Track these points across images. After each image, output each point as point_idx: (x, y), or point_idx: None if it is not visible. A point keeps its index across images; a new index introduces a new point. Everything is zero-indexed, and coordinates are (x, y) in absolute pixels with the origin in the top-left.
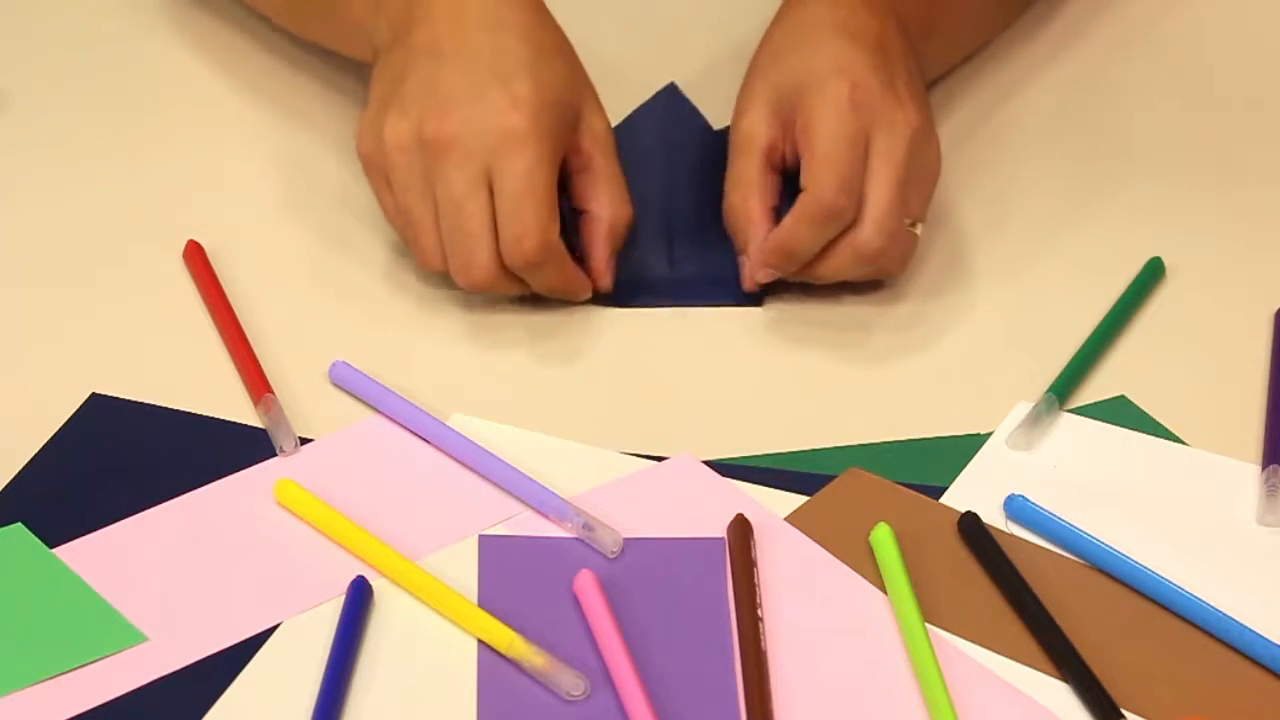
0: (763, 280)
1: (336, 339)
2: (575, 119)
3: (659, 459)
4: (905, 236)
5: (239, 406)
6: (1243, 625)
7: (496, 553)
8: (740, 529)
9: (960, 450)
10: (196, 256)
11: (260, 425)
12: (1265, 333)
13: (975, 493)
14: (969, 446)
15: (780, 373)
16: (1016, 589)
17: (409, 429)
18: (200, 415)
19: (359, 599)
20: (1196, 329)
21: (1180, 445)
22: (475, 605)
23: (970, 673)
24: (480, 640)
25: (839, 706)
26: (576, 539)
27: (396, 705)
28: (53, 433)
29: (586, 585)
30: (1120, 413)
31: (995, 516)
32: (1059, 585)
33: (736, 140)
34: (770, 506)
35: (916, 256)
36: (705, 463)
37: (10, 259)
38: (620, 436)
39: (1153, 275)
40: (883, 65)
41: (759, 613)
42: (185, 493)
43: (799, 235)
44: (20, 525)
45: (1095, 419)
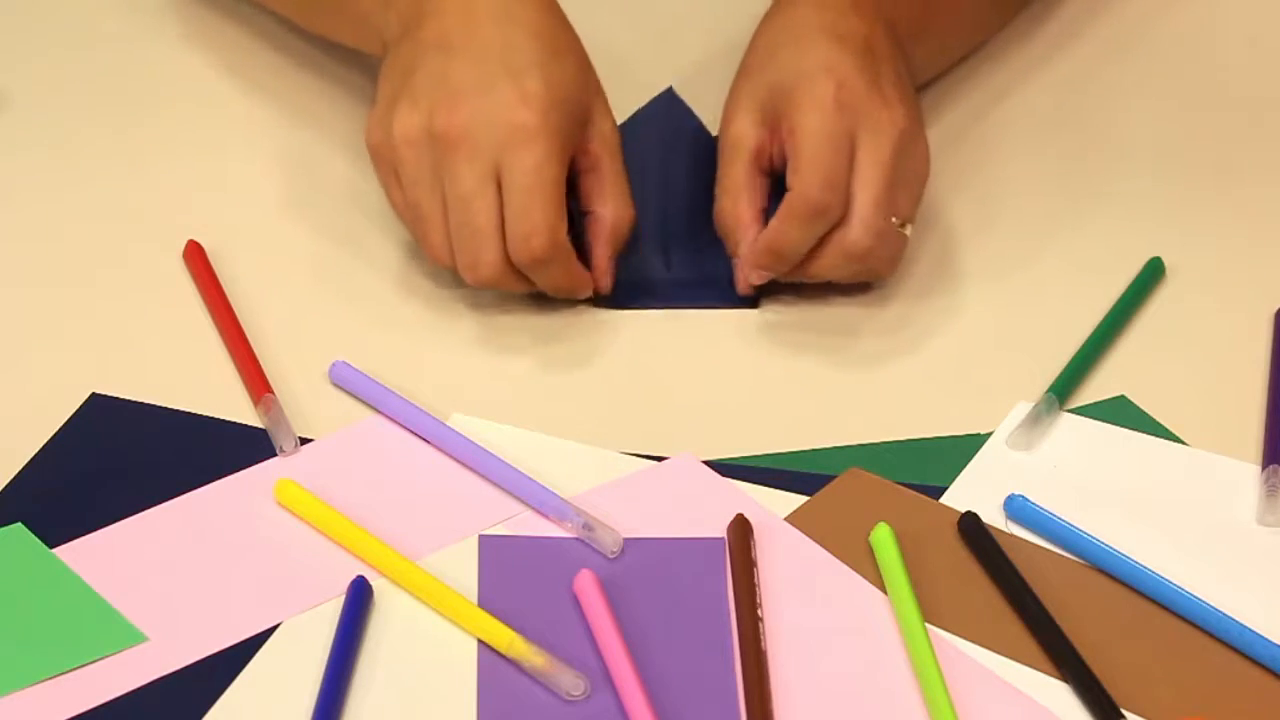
0: (756, 282)
1: (337, 339)
2: (585, 120)
3: (659, 459)
4: (894, 237)
5: (239, 406)
6: (1243, 625)
7: (496, 553)
8: (740, 529)
9: (960, 450)
10: (196, 256)
11: (260, 425)
12: (1265, 333)
13: (975, 493)
14: (969, 446)
15: (780, 374)
16: (1016, 589)
17: (409, 429)
18: (200, 415)
19: (359, 599)
20: (1196, 329)
21: (1180, 445)
22: (475, 605)
23: (970, 673)
24: (480, 640)
25: (839, 706)
26: (576, 539)
27: (396, 705)
28: (53, 433)
29: (586, 585)
30: (1120, 413)
31: (995, 516)
32: (1059, 585)
33: (725, 145)
34: (770, 506)
35: (913, 257)
36: (705, 463)
37: (10, 259)
38: (620, 437)
39: (1153, 275)
40: (869, 66)
41: (759, 613)
42: (185, 493)
43: (787, 235)
44: (20, 525)
45: (1095, 419)
